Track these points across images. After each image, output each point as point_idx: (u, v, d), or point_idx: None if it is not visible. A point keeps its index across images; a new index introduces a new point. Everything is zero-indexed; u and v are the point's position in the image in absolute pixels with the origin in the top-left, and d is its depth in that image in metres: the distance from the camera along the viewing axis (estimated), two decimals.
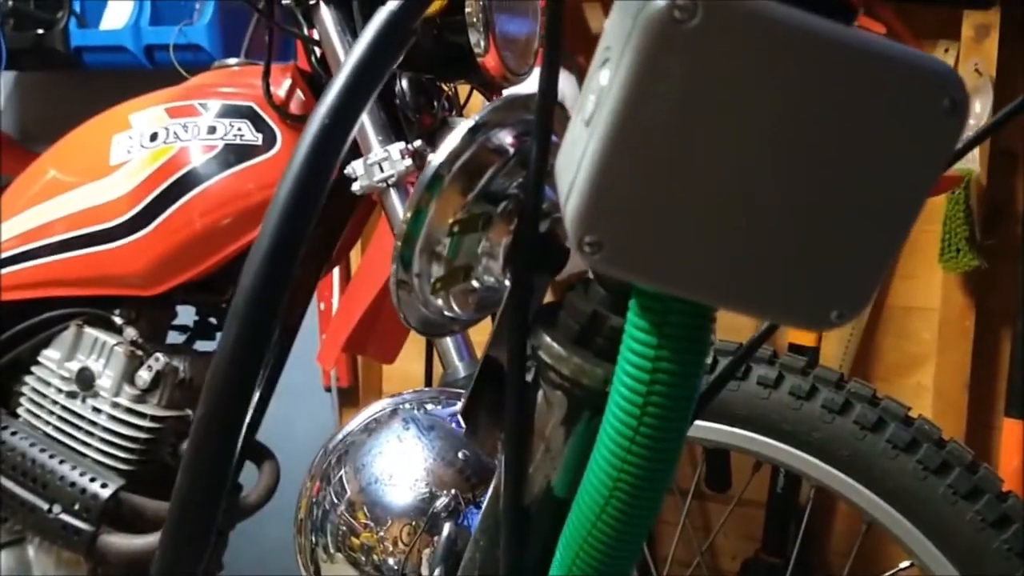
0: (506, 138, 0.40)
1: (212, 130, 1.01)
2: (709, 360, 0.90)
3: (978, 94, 1.27)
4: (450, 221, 0.38)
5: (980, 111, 1.27)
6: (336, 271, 1.74)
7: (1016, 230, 1.40)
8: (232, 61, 1.11)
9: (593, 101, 0.29)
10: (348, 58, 0.32)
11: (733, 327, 1.08)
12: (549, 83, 0.33)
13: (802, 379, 0.88)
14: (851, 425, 0.85)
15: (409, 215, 0.38)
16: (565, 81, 1.23)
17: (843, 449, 0.86)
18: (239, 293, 0.31)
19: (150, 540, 1.01)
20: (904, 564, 0.90)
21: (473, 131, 0.38)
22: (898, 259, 1.48)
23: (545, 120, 0.34)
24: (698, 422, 0.93)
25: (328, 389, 1.88)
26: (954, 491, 0.82)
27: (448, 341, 0.94)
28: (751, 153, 0.28)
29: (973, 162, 1.31)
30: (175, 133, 1.01)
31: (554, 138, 0.37)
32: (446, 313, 0.42)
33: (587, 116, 0.29)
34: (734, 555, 1.62)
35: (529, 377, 0.38)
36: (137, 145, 1.02)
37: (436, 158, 0.38)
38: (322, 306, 1.81)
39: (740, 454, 0.96)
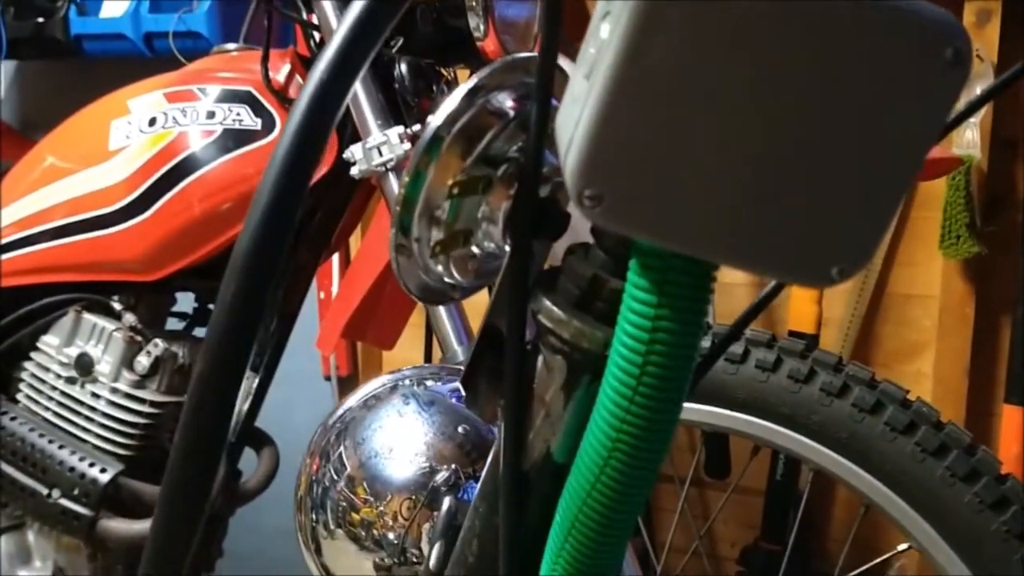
0: (506, 101, 0.39)
1: (211, 115, 1.01)
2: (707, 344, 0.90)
3: (979, 80, 1.27)
4: (449, 184, 0.38)
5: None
6: (336, 258, 1.75)
7: (1016, 217, 1.40)
8: (231, 46, 1.10)
9: (593, 55, 0.29)
10: (346, 16, 0.31)
11: (733, 314, 1.08)
12: (549, 43, 0.33)
13: (800, 362, 0.88)
14: (849, 408, 0.85)
15: (408, 178, 0.38)
16: (565, 67, 1.22)
17: (841, 432, 0.86)
18: (236, 251, 0.31)
19: (149, 525, 1.01)
20: (902, 547, 0.90)
21: (472, 93, 0.38)
22: (898, 246, 1.48)
23: (546, 81, 0.34)
24: (697, 405, 0.93)
25: (328, 378, 1.88)
26: (952, 473, 0.82)
27: (447, 326, 0.93)
28: (752, 106, 0.28)
29: (974, 148, 1.31)
30: (174, 118, 1.01)
31: (554, 102, 0.37)
32: (446, 279, 0.42)
33: (587, 70, 0.29)
34: (733, 542, 1.62)
35: (529, 343, 0.38)
36: (136, 130, 1.02)
37: (435, 120, 0.38)
38: (322, 295, 1.81)
39: (739, 442, 0.96)
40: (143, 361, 1.04)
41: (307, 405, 1.74)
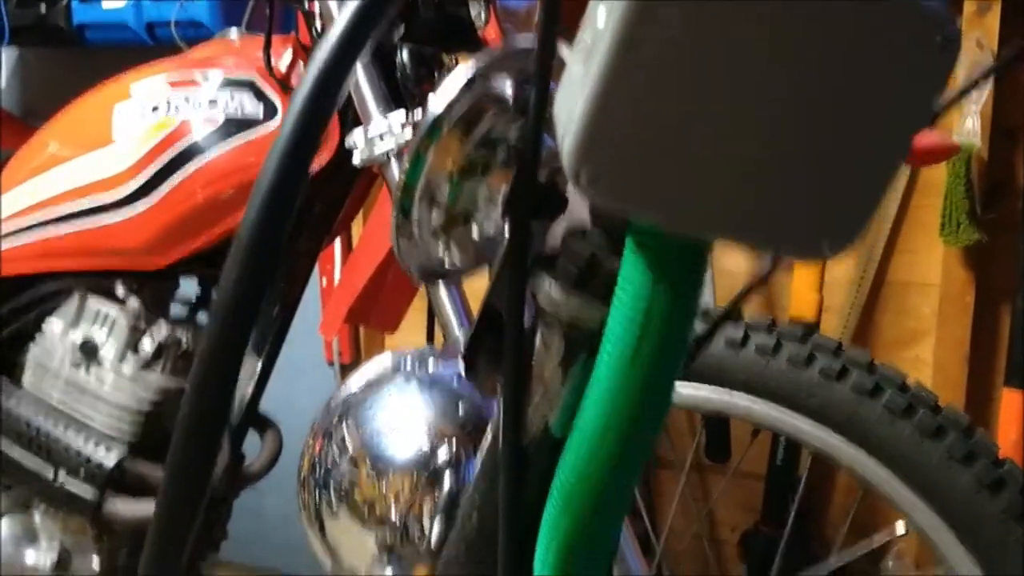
0: (505, 85, 0.40)
1: (213, 102, 1.01)
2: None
3: (980, 68, 1.27)
4: (449, 167, 0.39)
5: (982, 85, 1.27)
6: (338, 244, 1.75)
7: (1017, 205, 1.40)
8: (233, 33, 1.11)
9: (589, 40, 0.30)
10: (347, 2, 0.32)
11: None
12: (548, 26, 0.34)
13: (800, 347, 0.89)
14: (848, 391, 0.86)
15: (408, 162, 0.38)
16: (563, 52, 1.23)
17: (840, 415, 0.86)
18: (239, 236, 0.32)
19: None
20: (900, 530, 0.91)
21: (472, 78, 0.39)
22: (898, 234, 1.48)
23: (545, 65, 0.35)
24: (696, 389, 0.93)
25: (331, 363, 1.89)
26: (950, 455, 0.82)
27: (449, 311, 0.94)
28: (746, 87, 0.29)
29: (975, 136, 1.31)
30: (176, 105, 1.01)
31: (553, 86, 0.37)
32: (446, 261, 0.43)
33: (584, 54, 0.30)
34: (733, 526, 1.63)
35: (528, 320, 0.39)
36: (138, 116, 1.03)
37: (435, 104, 0.38)
38: (324, 281, 1.82)
39: (739, 426, 0.97)
40: (147, 346, 1.05)
41: (310, 391, 1.75)
